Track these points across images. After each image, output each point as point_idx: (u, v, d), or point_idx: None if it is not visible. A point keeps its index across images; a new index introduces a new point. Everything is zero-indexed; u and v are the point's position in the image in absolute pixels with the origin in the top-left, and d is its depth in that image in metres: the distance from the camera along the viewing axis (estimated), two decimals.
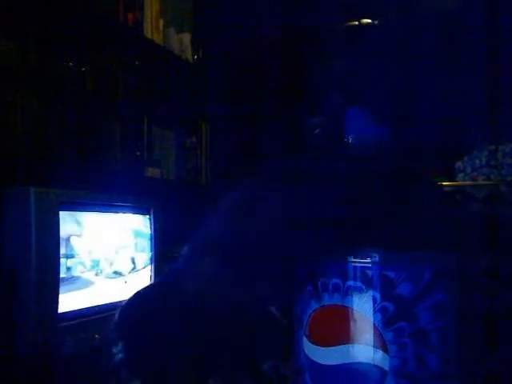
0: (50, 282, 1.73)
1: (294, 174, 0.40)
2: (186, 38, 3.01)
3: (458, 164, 3.46)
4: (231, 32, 3.24)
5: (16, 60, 1.95)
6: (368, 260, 0.32)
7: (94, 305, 1.94)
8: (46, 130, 2.06)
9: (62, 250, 1.78)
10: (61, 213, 1.78)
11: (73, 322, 1.82)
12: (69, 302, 1.81)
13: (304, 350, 0.34)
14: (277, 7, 3.27)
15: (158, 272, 2.31)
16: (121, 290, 2.10)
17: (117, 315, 0.57)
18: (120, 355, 0.53)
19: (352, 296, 0.33)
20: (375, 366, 0.32)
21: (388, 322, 0.32)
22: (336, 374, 0.32)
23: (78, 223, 1.91)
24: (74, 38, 2.22)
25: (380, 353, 0.32)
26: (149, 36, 2.66)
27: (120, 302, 2.00)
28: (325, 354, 0.32)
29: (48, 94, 2.06)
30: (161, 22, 2.77)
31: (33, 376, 1.70)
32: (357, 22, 0.53)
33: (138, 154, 2.63)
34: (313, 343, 0.34)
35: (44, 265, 1.71)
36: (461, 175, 3.48)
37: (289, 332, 0.42)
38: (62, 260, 1.78)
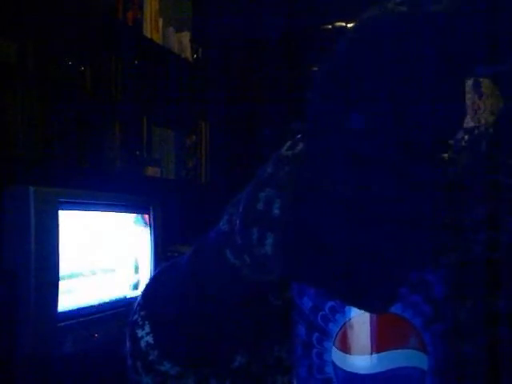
0: (50, 280, 1.73)
1: None
2: (186, 37, 3.01)
3: None
4: (230, 31, 3.24)
5: (15, 59, 1.95)
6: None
7: (93, 304, 1.94)
8: (45, 129, 2.05)
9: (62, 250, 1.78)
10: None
11: (73, 321, 1.82)
12: (68, 300, 1.81)
13: (333, 361, 0.34)
14: (276, 6, 3.26)
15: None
16: (120, 290, 2.10)
17: (140, 295, 0.51)
18: (147, 338, 0.48)
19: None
20: (415, 368, 0.33)
21: (427, 324, 0.33)
22: (375, 381, 0.32)
23: (78, 222, 1.91)
24: (73, 36, 2.22)
25: (420, 354, 0.33)
26: (148, 35, 2.66)
27: (119, 300, 2.00)
28: (361, 363, 0.32)
29: (47, 92, 2.06)
30: (160, 21, 2.77)
31: (33, 376, 1.70)
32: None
33: (138, 153, 2.63)
34: (347, 353, 0.33)
35: (43, 264, 1.70)
36: None
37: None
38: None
